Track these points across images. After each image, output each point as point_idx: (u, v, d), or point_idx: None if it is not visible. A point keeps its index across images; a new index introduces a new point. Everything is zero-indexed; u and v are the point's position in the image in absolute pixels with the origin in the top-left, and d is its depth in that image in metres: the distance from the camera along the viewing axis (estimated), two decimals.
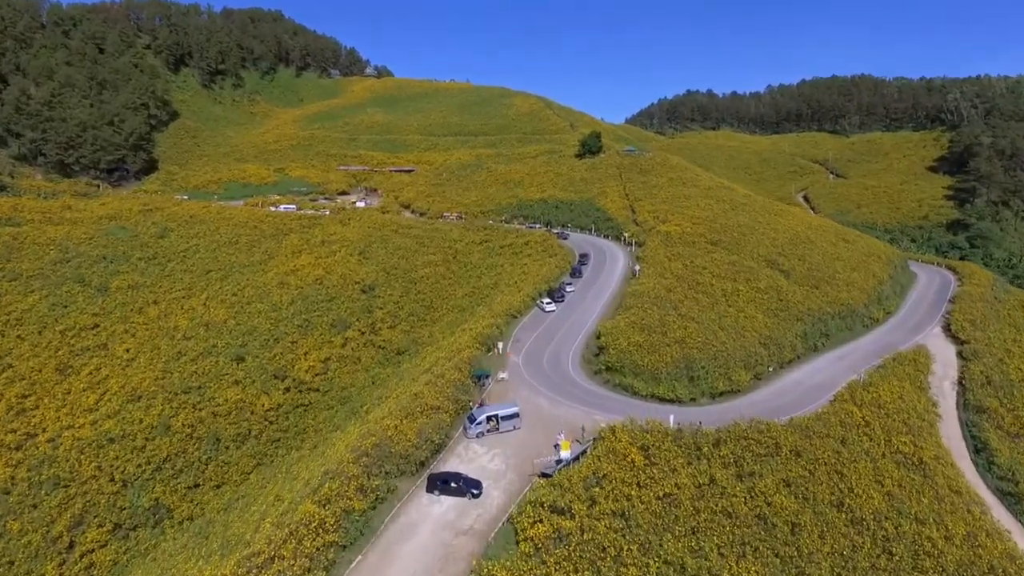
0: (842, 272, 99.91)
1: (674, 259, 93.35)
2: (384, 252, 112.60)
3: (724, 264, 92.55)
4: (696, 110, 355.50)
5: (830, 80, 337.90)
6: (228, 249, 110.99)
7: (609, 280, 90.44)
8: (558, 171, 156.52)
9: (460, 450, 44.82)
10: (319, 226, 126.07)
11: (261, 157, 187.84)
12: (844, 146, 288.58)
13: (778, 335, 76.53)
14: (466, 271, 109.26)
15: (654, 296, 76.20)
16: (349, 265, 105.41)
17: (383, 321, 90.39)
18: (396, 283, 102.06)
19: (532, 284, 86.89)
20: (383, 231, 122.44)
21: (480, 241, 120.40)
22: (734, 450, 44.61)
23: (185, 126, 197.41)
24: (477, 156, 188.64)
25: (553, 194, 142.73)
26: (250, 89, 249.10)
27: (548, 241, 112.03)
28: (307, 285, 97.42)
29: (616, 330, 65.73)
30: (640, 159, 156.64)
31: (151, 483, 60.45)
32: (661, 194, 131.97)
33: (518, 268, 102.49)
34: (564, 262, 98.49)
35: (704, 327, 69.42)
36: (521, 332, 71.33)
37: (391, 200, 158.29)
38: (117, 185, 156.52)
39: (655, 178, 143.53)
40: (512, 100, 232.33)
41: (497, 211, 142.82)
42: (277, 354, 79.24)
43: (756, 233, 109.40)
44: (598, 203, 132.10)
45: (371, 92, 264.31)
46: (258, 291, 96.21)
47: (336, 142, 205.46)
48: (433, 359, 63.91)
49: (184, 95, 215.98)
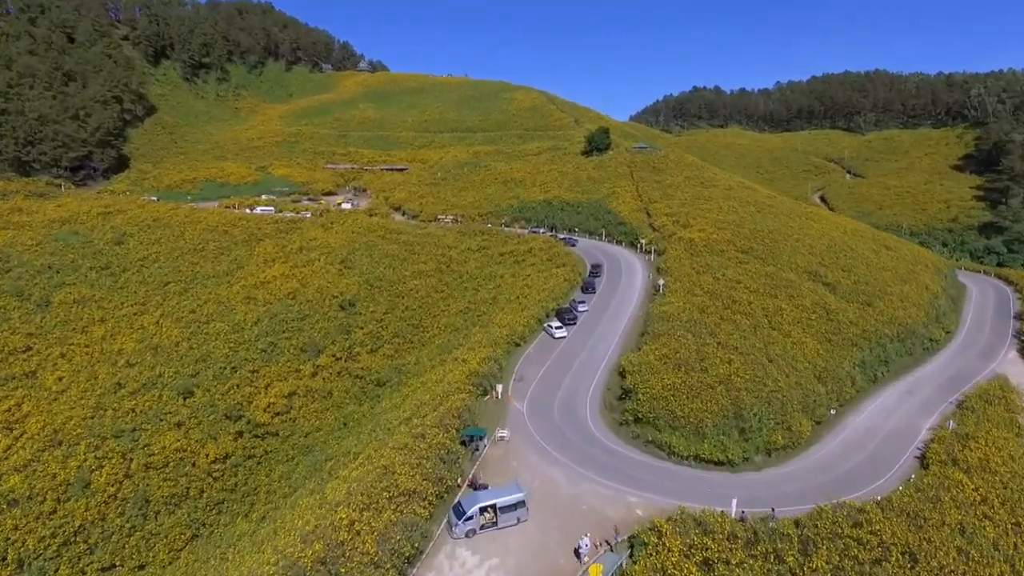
0: (893, 285, 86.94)
1: (702, 271, 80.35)
2: (369, 261, 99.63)
3: (760, 277, 79.59)
4: (703, 107, 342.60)
5: (843, 76, 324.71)
6: (192, 257, 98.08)
7: (628, 297, 77.33)
8: (563, 170, 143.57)
9: (441, 560, 31.50)
10: (298, 231, 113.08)
11: (243, 155, 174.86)
12: (860, 144, 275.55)
13: (833, 365, 63.68)
14: (461, 283, 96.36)
15: (686, 319, 63.22)
16: (328, 276, 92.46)
17: (363, 344, 77.43)
18: (380, 297, 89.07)
19: (537, 301, 73.90)
20: (369, 237, 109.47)
21: (477, 248, 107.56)
22: (829, 557, 31.63)
23: (162, 122, 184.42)
24: (475, 154, 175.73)
25: (558, 195, 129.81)
26: (236, 84, 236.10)
27: (554, 248, 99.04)
28: (277, 300, 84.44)
29: (645, 366, 52.72)
30: (652, 156, 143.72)
31: (54, 563, 47.44)
32: (678, 195, 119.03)
33: (520, 280, 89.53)
34: (574, 274, 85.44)
35: (750, 359, 56.47)
36: (526, 366, 58.20)
37: (380, 201, 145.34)
38: (82, 185, 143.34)
39: (670, 177, 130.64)
40: (513, 95, 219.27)
41: (496, 213, 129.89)
42: (233, 387, 66.24)
43: (790, 239, 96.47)
44: (609, 205, 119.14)
45: (363, 87, 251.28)
46: (220, 307, 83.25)
47: (324, 139, 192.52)
48: (415, 404, 50.92)
49: (163, 89, 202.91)
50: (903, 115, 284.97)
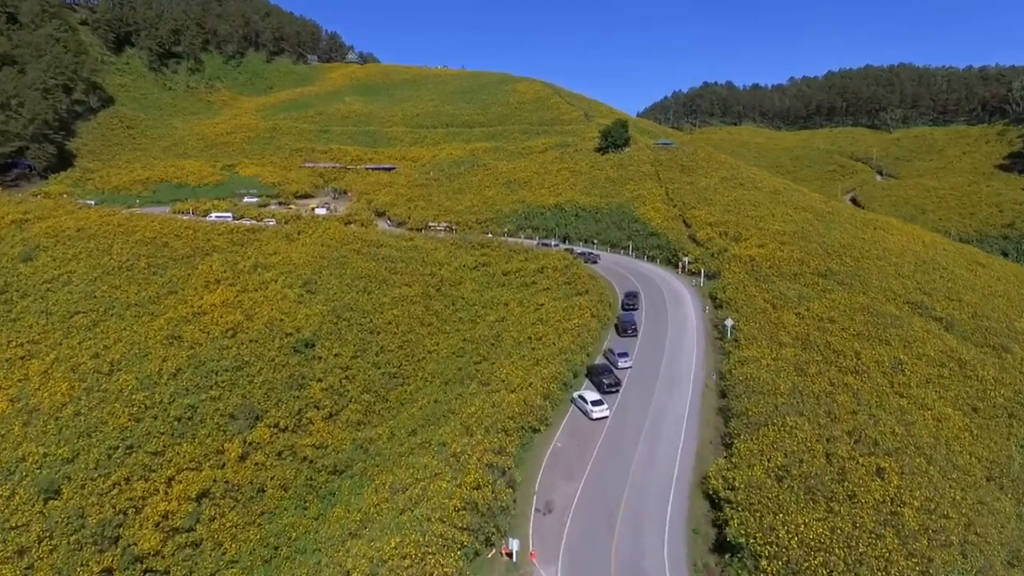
0: (1018, 319, 66.57)
1: (779, 304, 59.91)
2: (338, 283, 78.95)
3: (855, 312, 59.16)
4: (715, 103, 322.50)
5: (864, 70, 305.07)
6: (115, 279, 77.38)
7: (684, 343, 56.42)
8: (575, 168, 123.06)
9: None
10: (256, 243, 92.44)
11: (208, 152, 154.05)
12: (888, 142, 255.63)
13: (1000, 456, 43.32)
14: (454, 312, 75.79)
15: (785, 388, 42.71)
16: (283, 305, 71.82)
17: (319, 405, 56.76)
18: (349, 334, 68.35)
19: (558, 350, 53.27)
20: (342, 250, 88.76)
21: (475, 264, 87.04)
22: None
23: (119, 115, 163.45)
24: (472, 151, 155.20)
25: (571, 198, 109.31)
26: (210, 75, 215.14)
27: (573, 268, 78.39)
28: (210, 341, 63.75)
29: (753, 491, 31.84)
30: (680, 154, 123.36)
31: None
32: (718, 199, 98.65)
33: (531, 311, 68.96)
34: (602, 305, 64.56)
35: (905, 464, 35.89)
36: (552, 477, 36.78)
37: (362, 205, 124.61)
38: (13, 186, 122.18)
39: (703, 178, 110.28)
40: (514, 86, 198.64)
41: (498, 220, 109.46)
42: (118, 482, 45.54)
43: (870, 257, 76.25)
44: (635, 211, 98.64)
45: (351, 79, 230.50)
46: (132, 351, 62.54)
47: (304, 134, 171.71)
48: (372, 538, 30.07)
49: (124, 79, 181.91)
50: (933, 111, 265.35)
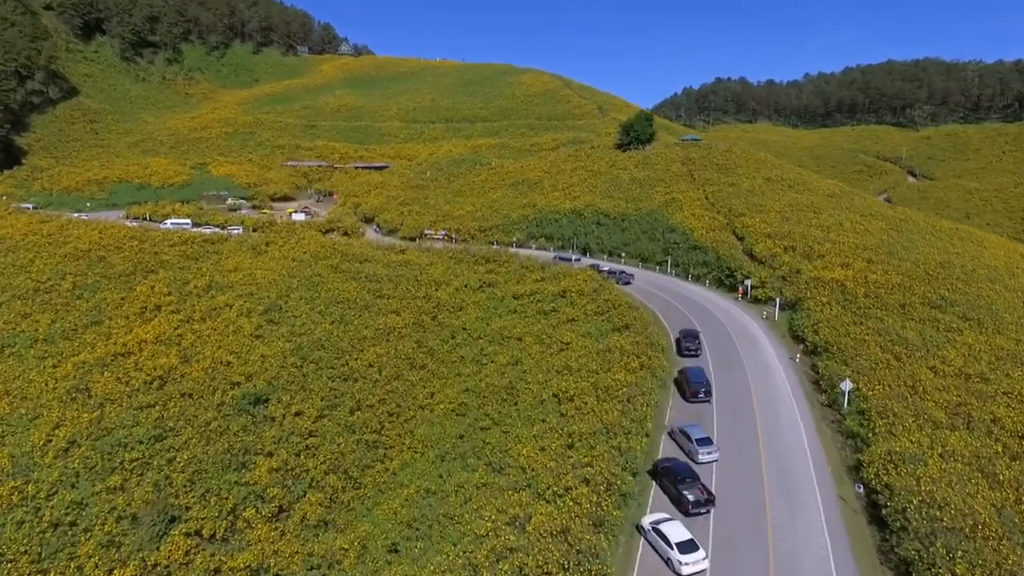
0: None
1: (902, 354, 43.63)
2: (309, 309, 62.77)
3: (1006, 362, 43.03)
4: (729, 100, 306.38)
5: (887, 65, 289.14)
6: (27, 304, 61.47)
7: (780, 413, 39.64)
8: (593, 168, 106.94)
9: None
10: (214, 256, 76.40)
11: (179, 149, 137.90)
12: (916, 141, 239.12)
13: None
14: (454, 350, 59.56)
15: (989, 517, 26.53)
16: (235, 341, 55.73)
17: (264, 496, 40.54)
18: (317, 382, 52.12)
19: (601, 425, 37.13)
20: (318, 267, 72.61)
21: (479, 285, 70.86)
22: None
23: (82, 107, 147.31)
24: (474, 148, 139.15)
25: (591, 202, 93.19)
26: (190, 66, 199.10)
27: (603, 291, 62.14)
28: (127, 396, 47.66)
29: None
30: (712, 151, 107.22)
31: None
32: (769, 204, 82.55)
33: (553, 351, 52.80)
34: (653, 350, 48.06)
35: None
36: None
37: (347, 210, 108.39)
38: None
39: (746, 179, 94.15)
40: (520, 78, 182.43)
41: (505, 228, 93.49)
42: None
43: (978, 279, 60.18)
44: (670, 218, 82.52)
45: (343, 71, 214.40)
46: (18, 410, 46.40)
47: (288, 130, 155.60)
48: None
49: (92, 68, 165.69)
50: (963, 108, 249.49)
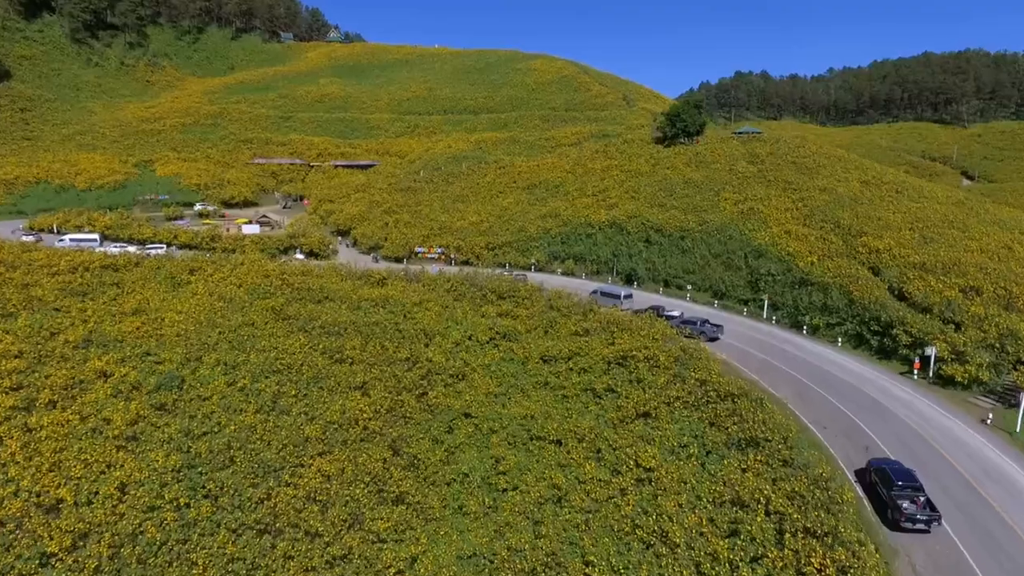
0: None
1: None
2: (227, 386, 39.63)
3: None
4: (752, 95, 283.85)
5: (925, 57, 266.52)
6: None
7: None
8: (631, 167, 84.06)
9: None
10: (112, 289, 53.00)
11: (123, 142, 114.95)
12: (966, 139, 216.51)
13: None
14: (449, 462, 36.52)
15: None
16: (81, 457, 32.62)
17: None
18: (206, 550, 28.94)
19: None
20: (252, 311, 49.42)
21: (490, 336, 47.83)
22: None
23: (13, 93, 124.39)
24: (478, 143, 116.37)
25: (635, 211, 70.18)
26: (155, 51, 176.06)
27: (690, 360, 39.12)
28: None
29: None
30: (786, 148, 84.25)
31: None
32: (889, 217, 59.55)
33: (627, 483, 29.85)
34: (827, 517, 25.47)
35: None
36: None
37: (314, 221, 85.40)
38: None
39: (840, 183, 70.99)
40: (529, 64, 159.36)
41: (520, 245, 70.73)
42: None
43: None
44: (753, 236, 59.54)
45: (330, 58, 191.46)
46: None
47: (259, 121, 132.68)
48: None
49: (32, 49, 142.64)
50: (1015, 102, 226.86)
